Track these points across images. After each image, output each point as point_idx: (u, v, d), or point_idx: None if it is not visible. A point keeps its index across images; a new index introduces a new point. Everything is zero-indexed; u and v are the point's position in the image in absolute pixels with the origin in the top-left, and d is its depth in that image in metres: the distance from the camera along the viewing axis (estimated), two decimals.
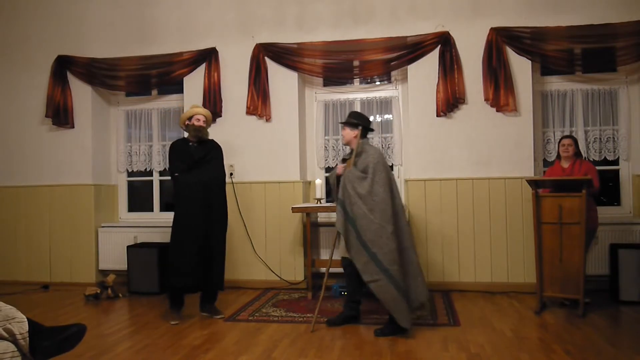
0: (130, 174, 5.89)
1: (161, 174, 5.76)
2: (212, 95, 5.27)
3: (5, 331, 2.25)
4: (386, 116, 5.38)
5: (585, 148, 4.91)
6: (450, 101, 4.88)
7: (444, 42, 4.91)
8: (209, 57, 5.31)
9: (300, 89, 5.31)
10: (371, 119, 5.34)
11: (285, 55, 5.19)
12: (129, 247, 5.19)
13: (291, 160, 5.21)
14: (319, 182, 4.95)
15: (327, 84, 5.50)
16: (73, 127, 5.58)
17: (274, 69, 5.23)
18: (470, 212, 4.88)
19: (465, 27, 4.93)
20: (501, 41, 4.82)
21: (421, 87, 4.99)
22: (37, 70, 5.63)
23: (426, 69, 4.97)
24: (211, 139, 4.30)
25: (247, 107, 5.24)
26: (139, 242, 5.40)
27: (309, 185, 5.39)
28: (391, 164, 5.31)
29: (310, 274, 4.77)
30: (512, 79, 4.80)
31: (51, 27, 5.67)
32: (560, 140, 4.41)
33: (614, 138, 4.94)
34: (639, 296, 4.26)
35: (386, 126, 5.36)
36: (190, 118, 4.20)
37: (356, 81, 5.43)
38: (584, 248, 3.92)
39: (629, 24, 4.61)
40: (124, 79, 5.50)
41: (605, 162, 4.98)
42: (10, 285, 5.46)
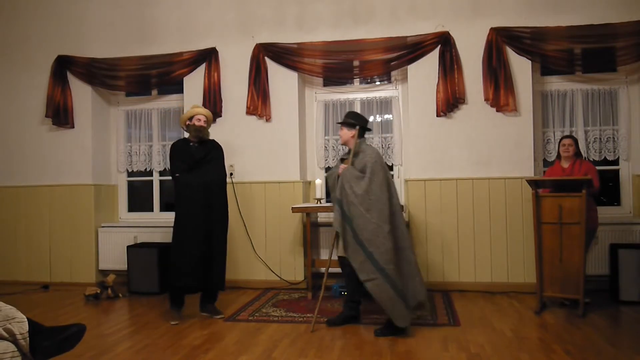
0: (130, 174, 5.89)
1: (161, 174, 5.77)
2: (212, 95, 5.27)
3: (5, 331, 2.25)
4: (386, 116, 5.38)
5: (585, 148, 4.91)
6: (450, 101, 4.88)
7: (444, 42, 4.91)
8: (209, 57, 5.32)
9: (300, 89, 5.31)
10: (371, 119, 5.36)
11: (285, 55, 5.19)
12: (129, 247, 5.19)
13: (291, 160, 5.21)
14: (319, 182, 4.95)
15: (327, 84, 5.50)
16: (73, 127, 5.58)
17: (274, 69, 5.24)
18: (470, 212, 4.88)
19: (465, 27, 4.93)
20: (501, 41, 4.82)
21: (421, 87, 4.99)
22: (37, 70, 5.64)
23: (426, 69, 4.98)
24: (212, 139, 4.31)
25: (247, 107, 5.24)
26: (139, 242, 5.41)
27: (309, 185, 5.40)
28: (391, 164, 5.31)
29: (310, 274, 4.77)
30: (512, 79, 4.80)
31: (51, 27, 5.67)
32: (560, 140, 4.41)
33: (614, 138, 4.94)
34: (639, 296, 4.26)
35: (386, 126, 5.36)
36: (191, 118, 4.20)
37: (356, 81, 5.43)
38: (584, 248, 3.92)
39: (629, 24, 4.62)
40: (124, 79, 5.50)
41: (605, 162, 4.98)
42: (10, 285, 5.46)
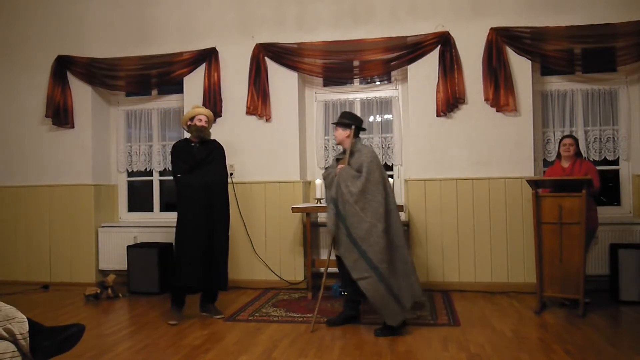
0: (130, 174, 5.89)
1: (161, 174, 5.77)
2: (212, 95, 5.27)
3: (5, 331, 2.25)
4: (386, 116, 5.38)
5: (585, 148, 4.91)
6: (450, 101, 4.88)
7: (444, 42, 4.91)
8: (209, 57, 5.32)
9: (300, 89, 5.31)
10: (371, 119, 5.37)
11: (285, 55, 5.19)
12: (129, 247, 5.19)
13: (291, 160, 5.21)
14: (319, 182, 4.94)
15: (327, 84, 5.50)
16: (73, 127, 5.58)
17: (274, 69, 5.23)
18: (470, 212, 4.88)
19: (465, 27, 4.93)
20: (501, 41, 4.82)
21: (421, 87, 4.99)
22: (37, 70, 5.63)
23: (426, 69, 4.97)
24: (213, 139, 4.30)
25: (247, 107, 5.24)
26: (139, 242, 5.41)
27: (309, 185, 5.40)
28: (391, 164, 5.32)
29: (310, 274, 4.77)
30: (512, 79, 4.80)
31: (51, 27, 5.67)
32: (561, 140, 4.41)
33: (614, 138, 4.94)
34: (639, 296, 4.26)
35: (386, 126, 5.36)
36: (192, 118, 4.20)
37: (356, 81, 5.43)
38: (584, 248, 3.92)
39: (629, 24, 4.62)
40: (124, 79, 5.50)
41: (605, 162, 4.98)
42: (10, 285, 5.46)
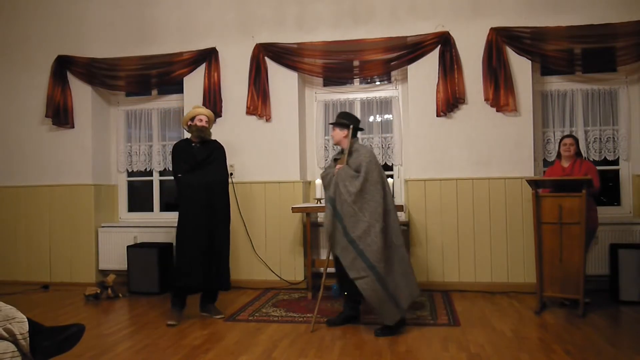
0: (130, 174, 5.89)
1: (161, 174, 5.77)
2: (212, 95, 5.27)
3: (5, 331, 2.25)
4: (386, 116, 5.38)
5: (585, 148, 4.90)
6: (450, 101, 4.88)
7: (444, 42, 4.91)
8: (209, 57, 5.31)
9: (300, 89, 5.31)
10: (371, 119, 5.37)
11: (285, 55, 5.19)
12: (129, 247, 5.19)
13: (291, 160, 5.21)
14: (319, 182, 4.93)
15: (327, 84, 5.50)
16: (73, 127, 5.58)
17: (274, 69, 5.23)
18: (470, 212, 4.88)
19: (465, 27, 4.93)
20: (501, 41, 4.82)
21: (421, 87, 4.99)
22: (37, 70, 5.63)
23: (426, 69, 4.97)
24: (214, 139, 4.30)
25: (247, 107, 5.24)
26: (139, 242, 5.41)
27: (309, 185, 5.40)
28: (391, 164, 5.32)
29: (310, 274, 4.77)
30: (512, 79, 4.80)
31: (51, 27, 5.67)
32: (561, 140, 4.40)
33: (614, 138, 4.94)
34: (639, 296, 4.26)
35: (386, 126, 5.36)
36: (192, 119, 4.19)
37: (356, 81, 5.43)
38: (584, 248, 3.92)
39: (629, 24, 4.62)
40: (124, 79, 5.50)
41: (605, 162, 4.98)
42: (10, 285, 5.46)
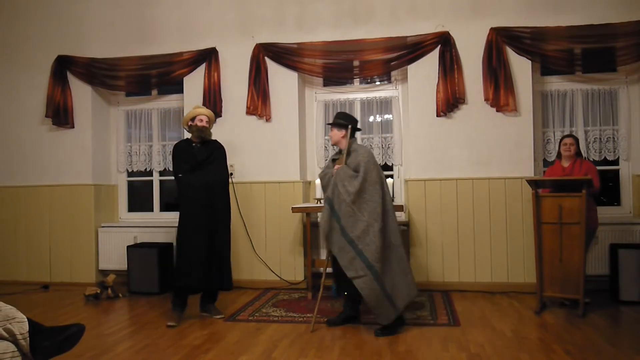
0: (130, 174, 5.89)
1: (161, 174, 5.77)
2: (212, 95, 5.27)
3: (5, 331, 2.25)
4: (386, 116, 5.38)
5: (585, 148, 4.90)
6: (450, 101, 4.88)
7: (444, 42, 4.91)
8: (209, 57, 5.31)
9: (300, 89, 5.31)
10: (371, 119, 5.37)
11: (285, 55, 5.19)
12: (129, 247, 5.19)
13: (291, 160, 5.21)
14: (319, 182, 4.94)
15: (327, 84, 5.50)
16: (73, 127, 5.58)
17: (274, 69, 5.23)
18: (470, 212, 4.88)
19: (465, 27, 4.92)
20: (501, 41, 4.82)
21: (421, 87, 4.99)
22: (37, 70, 5.63)
23: (426, 69, 4.97)
24: (214, 139, 4.30)
25: (247, 107, 5.24)
26: (139, 242, 5.41)
27: (309, 185, 5.40)
28: (391, 164, 5.32)
29: (310, 274, 4.77)
30: (512, 79, 4.80)
31: (51, 27, 5.67)
32: (562, 139, 4.40)
33: (614, 138, 4.94)
34: (639, 296, 4.26)
35: (386, 126, 5.36)
36: (193, 119, 4.19)
37: (356, 81, 5.43)
38: (584, 248, 3.92)
39: (629, 24, 4.61)
40: (124, 79, 5.50)
41: (605, 162, 4.98)
42: (10, 285, 5.46)
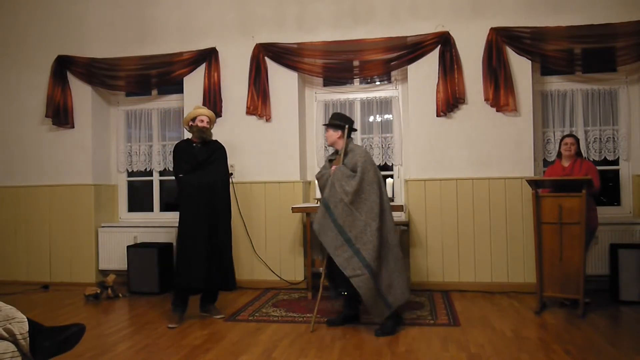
0: (130, 174, 5.89)
1: (161, 174, 5.77)
2: (212, 95, 5.27)
3: (5, 331, 2.25)
4: (386, 116, 5.38)
5: (585, 148, 4.90)
6: (450, 101, 4.88)
7: (444, 42, 4.91)
8: (209, 57, 5.31)
9: (300, 89, 5.31)
10: (371, 119, 5.37)
11: (285, 55, 5.19)
12: (129, 247, 5.19)
13: (291, 160, 5.21)
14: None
15: (327, 84, 5.50)
16: (73, 127, 5.58)
17: (274, 69, 5.23)
18: (470, 212, 4.88)
19: (465, 27, 4.93)
20: (501, 41, 4.82)
21: (421, 87, 4.99)
22: (37, 70, 5.63)
23: (426, 69, 4.97)
24: (215, 139, 4.29)
25: (247, 107, 5.24)
26: (139, 242, 5.41)
27: (309, 185, 5.40)
28: (391, 164, 5.32)
29: (310, 274, 4.77)
30: (512, 79, 4.80)
31: (51, 27, 5.67)
32: (562, 139, 4.40)
33: (614, 138, 4.94)
34: (639, 296, 4.26)
35: (386, 126, 5.36)
36: (194, 119, 4.19)
37: (356, 81, 5.43)
38: (584, 248, 3.92)
39: (629, 24, 4.62)
40: (124, 79, 5.50)
41: (605, 162, 4.98)
42: (10, 285, 5.46)
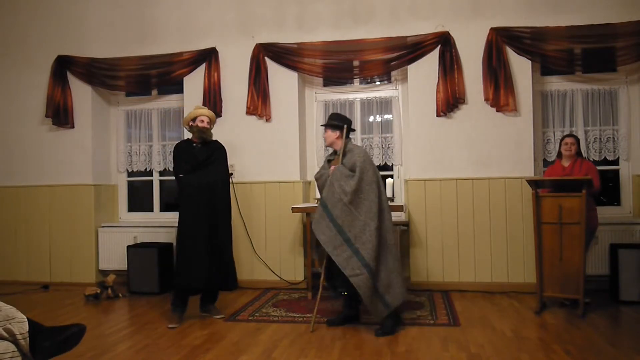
0: (130, 174, 5.89)
1: (161, 174, 5.77)
2: (212, 95, 5.27)
3: (5, 331, 2.25)
4: (386, 116, 5.38)
5: (585, 148, 4.90)
6: (450, 101, 4.88)
7: (444, 42, 4.91)
8: (209, 57, 5.31)
9: (300, 89, 5.31)
10: (371, 119, 5.37)
11: (285, 55, 5.19)
12: (129, 247, 5.19)
13: (291, 160, 5.21)
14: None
15: (327, 84, 5.50)
16: (73, 127, 5.58)
17: (274, 69, 5.23)
18: (470, 212, 4.88)
19: (465, 27, 4.93)
20: (501, 41, 4.82)
21: (421, 87, 4.99)
22: (37, 70, 5.63)
23: (426, 69, 4.97)
24: (215, 139, 4.29)
25: (247, 107, 5.24)
26: (139, 242, 5.41)
27: (309, 185, 5.40)
28: (391, 164, 5.32)
29: (310, 274, 4.77)
30: (512, 79, 4.80)
31: (51, 27, 5.67)
32: (562, 139, 4.40)
33: (614, 138, 4.94)
34: (639, 296, 4.26)
35: (386, 126, 5.36)
36: (194, 119, 4.18)
37: (356, 81, 5.43)
38: (584, 248, 3.92)
39: (629, 24, 4.62)
40: (124, 79, 5.50)
41: (605, 162, 4.98)
42: (10, 285, 5.46)
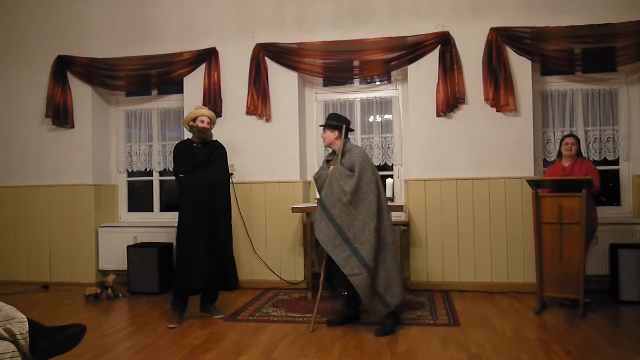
0: (130, 174, 5.89)
1: (161, 174, 5.77)
2: (212, 95, 5.27)
3: (5, 331, 2.25)
4: (386, 116, 5.38)
5: (585, 148, 4.90)
6: (450, 101, 4.88)
7: (444, 42, 4.91)
8: (209, 57, 5.32)
9: (300, 89, 5.31)
10: (371, 119, 5.37)
11: (285, 55, 5.20)
12: (129, 247, 5.19)
13: (291, 160, 5.21)
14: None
15: (327, 84, 5.50)
16: (73, 127, 5.58)
17: (274, 69, 5.23)
18: (470, 212, 4.88)
19: (465, 27, 4.93)
20: (501, 41, 4.82)
21: (421, 87, 4.99)
22: (37, 70, 5.63)
23: (426, 69, 4.97)
24: (215, 139, 4.29)
25: (247, 107, 5.24)
26: (139, 242, 5.41)
27: (309, 185, 5.40)
28: (391, 164, 5.32)
29: (310, 274, 4.77)
30: (512, 79, 4.80)
31: (51, 27, 5.67)
32: (563, 139, 4.40)
33: (614, 138, 4.94)
34: (639, 296, 4.26)
35: (386, 126, 5.36)
36: (194, 119, 4.18)
37: (356, 81, 5.43)
38: (584, 248, 3.92)
39: (629, 24, 4.62)
40: (124, 79, 5.50)
41: (605, 162, 4.98)
42: (10, 285, 5.46)
